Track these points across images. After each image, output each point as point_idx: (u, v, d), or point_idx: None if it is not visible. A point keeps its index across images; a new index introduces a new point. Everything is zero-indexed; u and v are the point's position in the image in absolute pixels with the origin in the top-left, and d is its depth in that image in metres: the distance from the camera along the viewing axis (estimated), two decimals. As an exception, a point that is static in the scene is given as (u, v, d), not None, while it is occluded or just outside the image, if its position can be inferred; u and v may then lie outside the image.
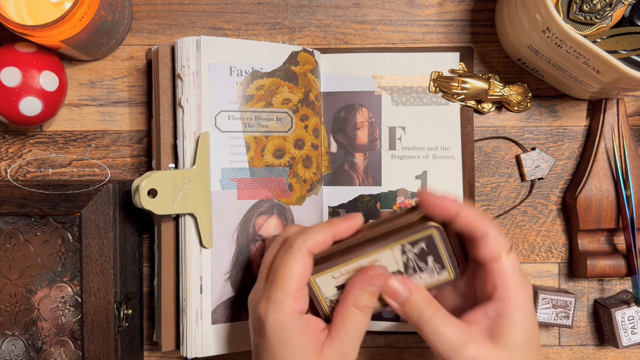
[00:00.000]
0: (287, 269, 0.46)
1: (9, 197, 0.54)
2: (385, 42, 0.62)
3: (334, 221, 0.48)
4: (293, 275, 0.46)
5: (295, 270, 0.46)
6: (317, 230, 0.47)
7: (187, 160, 0.54)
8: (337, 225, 0.48)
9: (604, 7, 0.51)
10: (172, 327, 0.57)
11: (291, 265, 0.46)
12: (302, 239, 0.46)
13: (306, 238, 0.46)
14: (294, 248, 0.46)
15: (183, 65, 0.54)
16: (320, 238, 0.47)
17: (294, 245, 0.46)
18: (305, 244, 0.46)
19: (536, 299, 0.60)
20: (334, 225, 0.48)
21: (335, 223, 0.48)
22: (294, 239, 0.47)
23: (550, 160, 0.62)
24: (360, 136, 0.61)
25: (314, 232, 0.47)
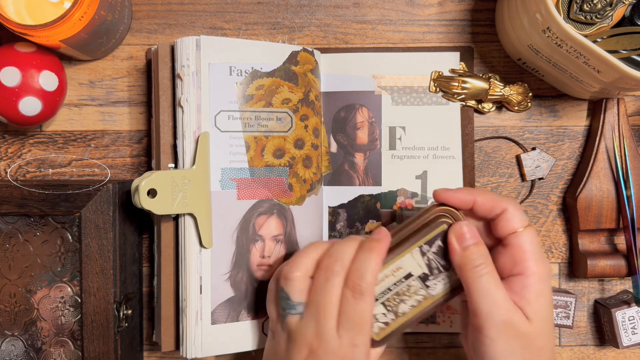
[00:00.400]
0: (333, 298, 0.48)
1: (9, 197, 0.54)
2: (385, 42, 0.62)
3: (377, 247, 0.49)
4: (337, 302, 0.48)
5: (370, 315, 0.48)
6: (368, 262, 0.48)
7: (187, 160, 0.54)
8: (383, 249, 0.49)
9: (604, 7, 0.51)
10: (171, 328, 0.57)
11: (336, 293, 0.48)
12: (367, 279, 0.48)
13: (369, 275, 0.48)
14: (365, 294, 0.47)
15: (183, 65, 0.54)
16: (376, 269, 0.48)
17: (365, 292, 0.47)
18: (373, 284, 0.48)
19: None
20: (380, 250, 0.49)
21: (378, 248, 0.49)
22: (361, 282, 0.48)
23: (550, 160, 0.62)
24: (360, 136, 0.61)
25: (369, 265, 0.48)
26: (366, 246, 0.49)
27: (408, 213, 0.61)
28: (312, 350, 0.48)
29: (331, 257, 0.49)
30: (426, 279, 0.51)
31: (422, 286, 0.51)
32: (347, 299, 0.48)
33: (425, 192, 0.61)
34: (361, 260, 0.48)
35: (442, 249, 0.51)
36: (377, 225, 0.61)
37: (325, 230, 0.61)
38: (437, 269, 0.51)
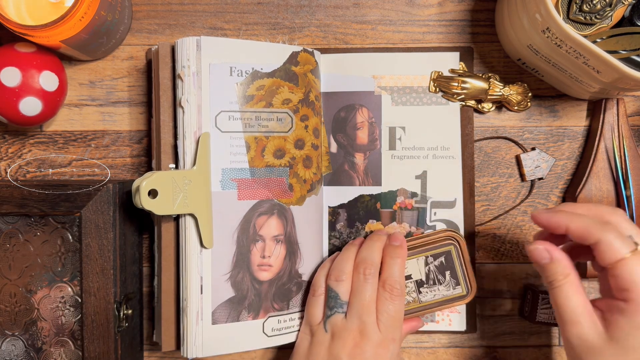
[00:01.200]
0: (370, 295, 0.55)
1: (9, 197, 0.54)
2: (385, 42, 0.62)
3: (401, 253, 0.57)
4: (374, 298, 0.55)
5: (375, 293, 0.55)
6: (399, 267, 0.56)
7: (188, 161, 0.54)
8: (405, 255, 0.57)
9: (604, 7, 0.51)
10: (172, 327, 0.57)
11: (372, 290, 0.55)
12: (401, 283, 0.55)
13: (402, 279, 0.56)
14: (401, 296, 0.55)
15: (183, 65, 0.54)
16: (403, 273, 0.57)
17: (401, 293, 0.55)
18: (404, 285, 0.57)
19: (536, 299, 0.60)
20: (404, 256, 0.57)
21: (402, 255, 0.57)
22: (396, 285, 0.55)
23: (550, 160, 0.62)
24: (360, 136, 0.61)
25: (399, 270, 0.56)
26: (393, 254, 0.57)
27: (408, 213, 0.61)
28: (356, 344, 0.53)
29: (365, 261, 0.56)
30: (421, 285, 0.60)
31: (415, 290, 0.60)
32: (385, 299, 0.55)
33: (425, 192, 0.61)
34: (392, 266, 0.56)
35: (442, 265, 0.59)
36: (378, 225, 0.61)
37: (325, 230, 0.62)
38: (433, 280, 0.59)
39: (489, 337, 0.63)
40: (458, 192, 0.61)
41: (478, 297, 0.63)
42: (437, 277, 0.60)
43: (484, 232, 0.63)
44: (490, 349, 0.63)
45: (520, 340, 0.63)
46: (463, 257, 0.60)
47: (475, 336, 0.63)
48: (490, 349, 0.63)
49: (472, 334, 0.63)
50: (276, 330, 0.58)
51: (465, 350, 0.63)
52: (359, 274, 0.55)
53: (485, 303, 0.63)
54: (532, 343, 0.63)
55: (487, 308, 0.63)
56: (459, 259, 0.60)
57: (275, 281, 0.58)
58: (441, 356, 0.63)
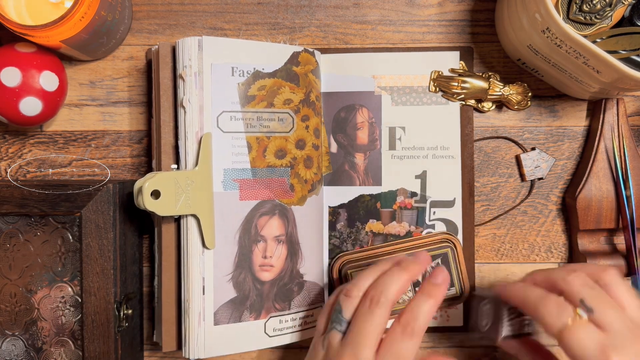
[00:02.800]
0: (374, 327, 0.48)
1: (9, 197, 0.54)
2: (385, 42, 0.62)
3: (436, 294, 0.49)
4: (378, 332, 0.48)
5: (380, 327, 0.48)
6: (424, 306, 0.48)
7: (189, 161, 0.54)
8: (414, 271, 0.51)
9: (603, 7, 0.51)
10: (173, 328, 0.57)
11: (377, 322, 0.48)
12: (419, 323, 0.48)
13: (421, 321, 0.48)
14: (416, 336, 0.47)
15: (185, 65, 0.54)
16: (430, 315, 0.49)
17: (417, 334, 0.47)
18: (424, 327, 0.48)
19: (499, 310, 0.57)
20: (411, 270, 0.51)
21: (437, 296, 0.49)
22: (413, 324, 0.48)
23: (550, 160, 0.62)
24: (360, 136, 0.61)
25: (423, 310, 0.48)
26: (429, 291, 0.49)
27: (407, 212, 0.61)
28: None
29: (377, 288, 0.50)
30: (417, 285, 0.60)
31: (412, 290, 0.60)
32: (396, 334, 0.48)
33: (424, 192, 0.61)
34: (421, 305, 0.49)
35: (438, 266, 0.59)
36: (378, 224, 0.61)
37: (326, 230, 0.62)
38: None
39: (489, 337, 0.64)
40: (457, 191, 0.62)
41: (478, 297, 0.63)
42: None
43: (484, 232, 0.63)
44: (490, 349, 0.63)
45: (520, 340, 0.63)
46: (458, 259, 0.60)
47: (475, 336, 0.63)
48: (490, 349, 0.64)
49: (472, 334, 0.63)
50: (278, 330, 0.58)
51: (465, 350, 0.63)
52: (366, 300, 0.49)
53: (485, 303, 0.63)
54: (532, 343, 0.63)
55: (487, 308, 0.63)
56: (454, 261, 0.61)
57: (276, 281, 0.58)
58: (441, 356, 0.63)
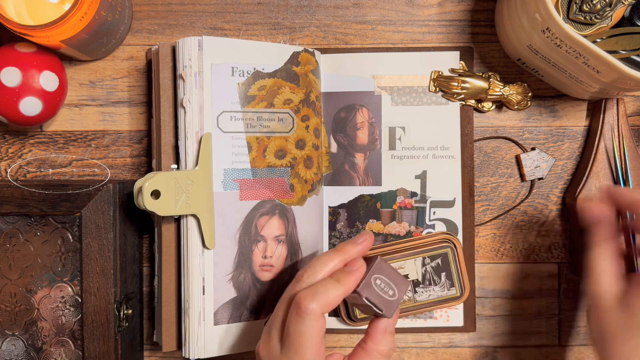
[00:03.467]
0: (304, 338, 0.45)
1: (9, 197, 0.54)
2: (385, 42, 0.62)
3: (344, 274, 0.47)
4: (312, 342, 0.45)
5: (312, 337, 0.45)
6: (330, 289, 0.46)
7: (190, 161, 0.54)
8: (349, 280, 0.47)
9: (603, 7, 0.51)
10: (173, 328, 0.57)
11: (309, 334, 0.45)
12: (315, 302, 0.45)
13: (319, 300, 0.45)
14: (308, 314, 0.45)
15: (185, 65, 0.54)
16: (332, 299, 0.46)
17: (308, 311, 0.45)
18: (320, 307, 0.45)
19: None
20: (345, 280, 0.47)
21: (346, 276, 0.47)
22: (307, 303, 0.45)
23: (550, 160, 0.62)
24: (360, 136, 0.61)
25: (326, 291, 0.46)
26: (336, 276, 0.47)
27: (407, 212, 0.61)
28: (259, 355, 0.48)
29: (305, 271, 0.48)
30: (417, 285, 0.61)
31: (412, 289, 0.61)
32: (291, 316, 0.46)
33: (424, 192, 0.61)
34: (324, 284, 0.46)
35: (439, 267, 0.61)
36: (378, 224, 0.61)
37: (326, 230, 0.62)
38: (429, 281, 0.61)
39: (489, 337, 0.63)
40: (457, 191, 0.62)
41: (478, 297, 0.63)
42: (433, 278, 0.61)
43: (484, 232, 0.63)
44: (490, 349, 0.63)
45: (520, 340, 0.63)
46: (458, 259, 0.61)
47: (475, 336, 0.63)
48: (490, 348, 0.64)
49: (472, 334, 0.63)
50: (277, 330, 0.58)
51: (465, 350, 0.63)
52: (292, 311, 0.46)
53: (485, 303, 0.63)
54: (532, 343, 0.63)
55: (487, 308, 0.63)
56: (454, 261, 0.61)
57: (276, 281, 0.58)
58: (441, 356, 0.63)
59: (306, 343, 0.45)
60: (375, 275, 0.49)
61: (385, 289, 0.48)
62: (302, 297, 0.45)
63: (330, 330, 0.62)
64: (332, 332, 0.62)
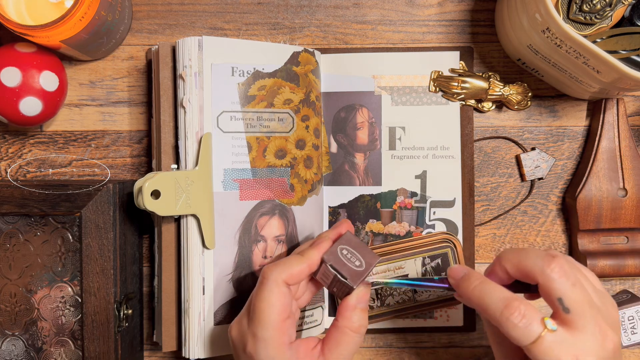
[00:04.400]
0: (266, 304, 0.46)
1: (9, 197, 0.54)
2: (385, 42, 0.62)
3: (308, 248, 0.50)
4: (273, 309, 0.46)
5: (273, 304, 0.46)
6: (293, 262, 0.48)
7: (190, 161, 0.54)
8: (312, 253, 0.49)
9: (603, 7, 0.51)
10: (173, 328, 0.57)
11: (269, 300, 0.46)
12: (277, 271, 0.47)
13: (281, 269, 0.47)
14: (269, 280, 0.47)
15: (185, 65, 0.54)
16: (296, 270, 0.48)
17: (269, 278, 0.47)
18: (281, 275, 0.47)
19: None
20: (308, 253, 0.49)
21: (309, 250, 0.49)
22: (269, 271, 0.47)
23: (550, 160, 0.62)
24: (360, 136, 0.61)
25: (289, 263, 0.48)
26: (300, 250, 0.50)
27: (407, 212, 0.61)
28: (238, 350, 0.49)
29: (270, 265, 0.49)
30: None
31: (411, 289, 0.60)
32: (256, 288, 0.48)
33: (424, 192, 0.61)
34: (288, 258, 0.49)
35: (439, 267, 0.61)
36: (378, 224, 0.61)
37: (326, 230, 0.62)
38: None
39: (489, 337, 0.63)
40: (457, 191, 0.62)
41: (478, 297, 0.63)
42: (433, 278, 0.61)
43: (484, 232, 0.63)
44: (490, 349, 0.63)
45: (520, 340, 0.63)
46: (458, 259, 0.61)
47: (475, 336, 0.63)
48: (490, 349, 0.63)
49: (472, 334, 0.63)
50: (277, 330, 0.58)
51: (465, 350, 0.63)
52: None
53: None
54: (532, 343, 0.63)
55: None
56: (454, 261, 0.61)
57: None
58: (441, 356, 0.63)
59: (267, 309, 0.46)
60: (342, 246, 0.50)
61: (351, 260, 0.49)
62: (265, 268, 0.48)
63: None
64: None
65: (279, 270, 0.47)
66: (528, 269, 0.44)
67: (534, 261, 0.44)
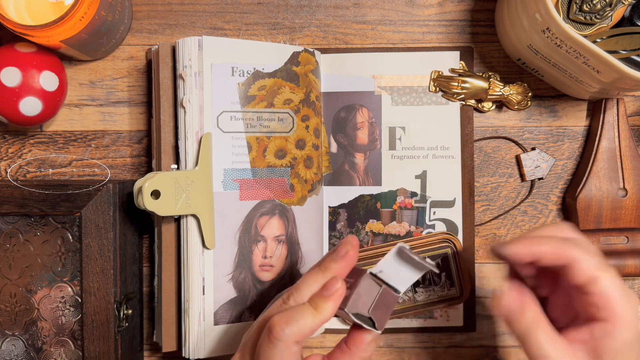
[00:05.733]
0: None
1: (9, 197, 0.54)
2: (385, 42, 0.62)
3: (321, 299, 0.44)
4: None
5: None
6: (306, 318, 0.43)
7: (190, 161, 0.54)
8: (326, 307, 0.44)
9: (603, 7, 0.51)
10: (172, 328, 0.57)
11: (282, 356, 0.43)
12: (288, 331, 0.42)
13: (294, 330, 0.43)
14: (279, 342, 0.42)
15: (185, 65, 0.54)
16: (308, 329, 0.43)
17: (279, 339, 0.42)
18: (293, 337, 0.43)
19: None
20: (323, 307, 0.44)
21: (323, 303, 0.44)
22: (280, 331, 0.42)
23: (550, 160, 0.62)
24: (360, 136, 0.61)
25: (302, 320, 0.43)
26: (314, 302, 0.44)
27: (407, 213, 0.61)
28: None
29: (292, 294, 0.45)
30: (417, 285, 0.61)
31: (411, 290, 0.61)
32: (263, 339, 0.43)
33: (424, 192, 0.61)
34: (301, 311, 0.43)
35: (439, 267, 0.61)
36: (378, 224, 0.61)
37: (326, 230, 0.62)
38: (429, 280, 0.61)
39: (489, 337, 0.63)
40: (457, 191, 0.62)
41: (478, 297, 0.63)
42: (433, 278, 0.61)
43: (484, 232, 0.63)
44: (490, 349, 0.63)
45: (520, 340, 0.63)
46: (459, 259, 0.61)
47: (475, 336, 0.63)
48: (490, 349, 0.64)
49: (472, 334, 0.63)
50: (277, 330, 0.58)
51: (465, 350, 0.63)
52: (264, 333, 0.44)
53: (485, 303, 0.63)
54: (532, 343, 0.63)
55: (487, 308, 0.63)
56: (454, 261, 0.61)
57: (276, 281, 0.58)
58: (441, 356, 0.63)
59: None
60: (360, 292, 0.46)
61: (371, 303, 0.46)
62: (275, 321, 0.43)
63: (330, 331, 0.62)
64: (332, 332, 0.62)
65: (290, 330, 0.42)
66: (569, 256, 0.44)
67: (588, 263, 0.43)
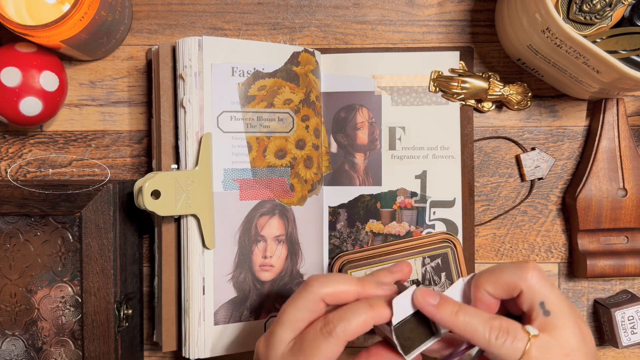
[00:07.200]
0: (318, 358, 0.43)
1: (9, 197, 0.54)
2: (385, 42, 0.62)
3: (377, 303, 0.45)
4: (298, 314, 0.45)
5: (300, 309, 0.45)
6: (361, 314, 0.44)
7: (190, 161, 0.54)
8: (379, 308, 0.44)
9: (603, 7, 0.51)
10: (173, 328, 0.57)
11: (324, 354, 0.43)
12: (344, 327, 0.43)
13: (349, 326, 0.43)
14: (332, 337, 0.43)
15: (185, 65, 0.54)
16: (361, 326, 0.44)
17: (332, 334, 0.43)
18: (347, 333, 0.43)
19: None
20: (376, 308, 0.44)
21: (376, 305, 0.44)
22: (336, 323, 0.43)
23: (550, 160, 0.62)
24: (360, 136, 0.61)
25: (357, 318, 0.44)
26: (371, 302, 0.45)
27: (407, 212, 0.61)
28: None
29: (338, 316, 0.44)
30: (417, 285, 0.60)
31: None
32: (315, 328, 0.44)
33: (424, 192, 0.61)
34: (354, 310, 0.44)
35: (439, 267, 0.60)
36: (378, 224, 0.61)
37: (326, 230, 0.62)
38: (429, 280, 0.60)
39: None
40: (457, 191, 0.62)
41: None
42: (433, 278, 0.61)
43: (484, 232, 0.63)
44: (490, 349, 0.63)
45: (520, 340, 0.63)
46: (458, 259, 0.60)
47: (475, 336, 0.63)
48: (490, 348, 0.63)
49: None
50: (277, 330, 0.58)
51: (465, 350, 0.63)
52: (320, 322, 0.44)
53: (485, 303, 0.63)
54: (532, 343, 0.63)
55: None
56: (454, 261, 0.60)
57: (276, 281, 0.58)
58: (441, 356, 0.63)
59: (292, 313, 0.45)
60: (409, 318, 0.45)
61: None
62: (312, 277, 0.45)
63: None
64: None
65: (346, 327, 0.43)
66: (510, 282, 0.43)
67: (511, 272, 0.43)
